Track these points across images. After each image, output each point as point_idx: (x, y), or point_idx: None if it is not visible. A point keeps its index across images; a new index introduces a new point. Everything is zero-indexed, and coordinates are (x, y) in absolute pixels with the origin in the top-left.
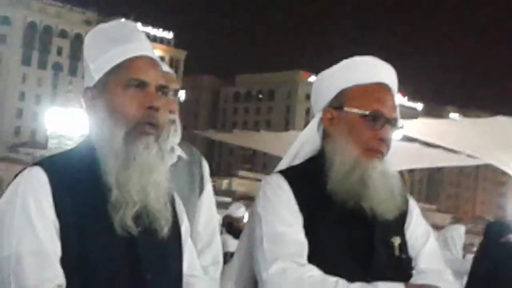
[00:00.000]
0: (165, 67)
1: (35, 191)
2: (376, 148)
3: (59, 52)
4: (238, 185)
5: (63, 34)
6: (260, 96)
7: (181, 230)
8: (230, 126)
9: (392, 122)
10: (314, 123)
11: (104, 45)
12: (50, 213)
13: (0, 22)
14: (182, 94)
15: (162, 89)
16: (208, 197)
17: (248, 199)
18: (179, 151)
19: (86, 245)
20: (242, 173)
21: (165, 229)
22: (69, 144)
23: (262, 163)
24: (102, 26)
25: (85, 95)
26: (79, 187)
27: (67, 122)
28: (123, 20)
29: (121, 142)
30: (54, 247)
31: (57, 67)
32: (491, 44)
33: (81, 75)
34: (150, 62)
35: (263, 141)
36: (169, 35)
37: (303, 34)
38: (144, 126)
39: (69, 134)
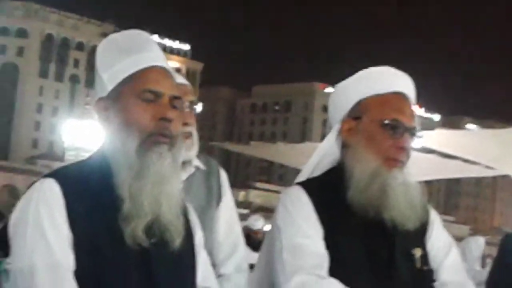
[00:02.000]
0: (181, 79)
1: (48, 203)
2: (395, 157)
3: (76, 65)
4: (255, 196)
5: (80, 46)
6: (277, 107)
7: (194, 241)
8: (246, 137)
9: (411, 131)
10: (332, 134)
11: (117, 55)
12: (63, 225)
13: (18, 35)
14: (198, 106)
15: (175, 100)
16: (227, 207)
17: (265, 211)
18: (196, 162)
19: (98, 257)
20: (258, 184)
21: (177, 241)
22: (87, 156)
23: (279, 174)
24: (114, 36)
25: (97, 106)
26: (92, 198)
27: (84, 134)
28: (136, 30)
29: (134, 153)
30: (67, 260)
31: (74, 80)
32: (510, 55)
33: None
34: (164, 72)
35: (280, 152)
36: (185, 46)
37: (319, 45)
38: (157, 137)
39: (87, 146)
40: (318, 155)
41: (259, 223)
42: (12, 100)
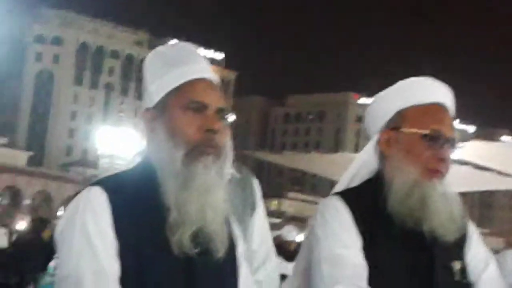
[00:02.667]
0: None
1: (94, 210)
2: (435, 168)
3: (111, 72)
4: (288, 206)
5: (114, 54)
6: (310, 117)
7: (237, 252)
8: (279, 147)
9: (451, 142)
10: (371, 145)
11: (164, 67)
12: (109, 233)
13: (53, 42)
14: (232, 116)
15: (221, 112)
16: (261, 216)
17: (298, 220)
18: (230, 170)
19: (144, 265)
20: (291, 194)
21: (221, 251)
22: (120, 164)
23: (312, 184)
24: (162, 48)
25: (144, 116)
26: (137, 207)
27: (118, 142)
28: (182, 42)
29: (180, 163)
30: (113, 267)
31: (109, 87)
32: None
33: (132, 95)
34: (210, 84)
35: (313, 162)
36: (219, 55)
37: (353, 55)
38: (203, 148)
39: (120, 153)
40: (356, 166)
41: (292, 234)
42: (47, 107)
